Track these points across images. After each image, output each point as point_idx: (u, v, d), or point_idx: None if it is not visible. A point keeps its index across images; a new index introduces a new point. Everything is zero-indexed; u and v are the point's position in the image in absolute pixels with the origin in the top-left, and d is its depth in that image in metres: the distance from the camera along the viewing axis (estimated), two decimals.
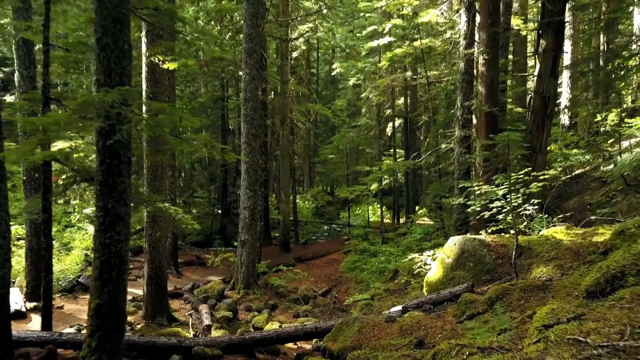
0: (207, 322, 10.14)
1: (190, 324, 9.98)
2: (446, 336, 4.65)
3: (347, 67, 22.75)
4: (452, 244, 6.74)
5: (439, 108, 20.61)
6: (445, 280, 6.55)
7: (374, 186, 18.39)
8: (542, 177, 6.48)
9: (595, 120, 17.95)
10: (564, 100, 19.27)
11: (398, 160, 24.48)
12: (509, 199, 6.48)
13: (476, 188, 7.04)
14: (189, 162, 30.77)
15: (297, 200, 33.00)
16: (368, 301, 11.32)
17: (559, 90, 16.58)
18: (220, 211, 24.74)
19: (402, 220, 23.45)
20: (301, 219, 29.41)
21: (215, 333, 8.01)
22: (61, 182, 6.73)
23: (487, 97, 10.22)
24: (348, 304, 11.14)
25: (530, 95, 11.86)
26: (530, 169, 6.57)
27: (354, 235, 18.35)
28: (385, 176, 12.91)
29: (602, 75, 19.46)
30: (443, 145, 11.44)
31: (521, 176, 6.33)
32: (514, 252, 5.72)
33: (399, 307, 7.06)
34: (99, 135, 4.84)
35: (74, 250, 12.15)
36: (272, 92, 27.33)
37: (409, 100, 22.61)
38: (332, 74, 34.33)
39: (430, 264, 7.68)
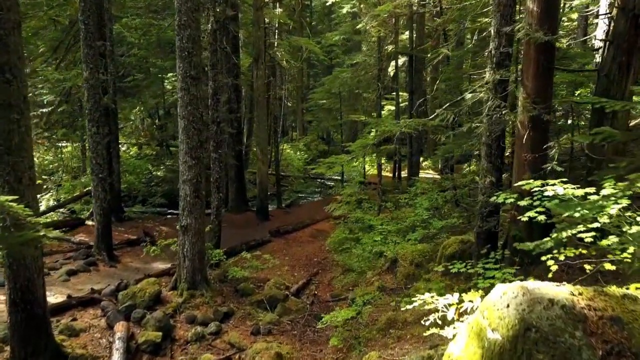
0: (116, 356, 7.02)
1: None
2: None
3: None
4: (502, 305, 3.32)
5: (450, 42, 16.62)
6: None
7: (373, 135, 14.71)
8: None
9: None
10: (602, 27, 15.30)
11: (401, 105, 20.81)
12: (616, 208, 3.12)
13: (549, 187, 3.60)
14: (162, 107, 26.96)
15: (288, 150, 29.33)
16: (354, 314, 8.16)
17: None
18: None
19: (404, 174, 20.07)
20: (290, 173, 25.98)
21: None
22: None
23: (542, 17, 6.45)
24: (326, 325, 7.89)
25: (606, 16, 8.08)
26: None
27: (345, 202, 15.01)
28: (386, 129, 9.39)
29: None
30: (468, 95, 7.70)
31: None
32: None
33: None
34: None
35: None
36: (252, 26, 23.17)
37: (414, 34, 18.53)
38: (328, 4, 29.76)
39: (451, 318, 4.24)
